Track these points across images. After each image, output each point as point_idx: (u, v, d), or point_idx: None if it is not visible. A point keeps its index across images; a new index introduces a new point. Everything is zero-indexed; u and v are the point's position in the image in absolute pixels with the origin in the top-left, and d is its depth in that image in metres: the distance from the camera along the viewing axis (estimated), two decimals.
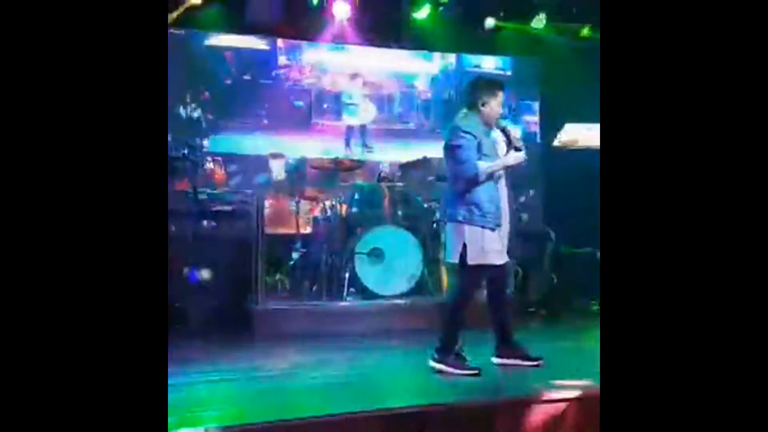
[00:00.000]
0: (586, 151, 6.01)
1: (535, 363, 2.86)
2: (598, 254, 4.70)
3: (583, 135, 4.81)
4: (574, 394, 2.38)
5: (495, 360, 2.92)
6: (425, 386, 2.71)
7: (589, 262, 4.75)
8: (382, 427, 2.17)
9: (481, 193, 2.78)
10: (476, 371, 2.74)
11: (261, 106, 5.64)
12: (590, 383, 2.49)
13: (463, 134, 2.80)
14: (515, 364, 2.88)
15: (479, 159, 2.77)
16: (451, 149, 2.84)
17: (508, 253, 2.94)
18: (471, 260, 2.78)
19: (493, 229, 2.79)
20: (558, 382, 2.59)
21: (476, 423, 2.26)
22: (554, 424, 2.30)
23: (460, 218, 2.81)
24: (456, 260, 2.82)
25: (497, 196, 2.84)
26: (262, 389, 2.70)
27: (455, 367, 2.77)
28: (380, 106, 5.96)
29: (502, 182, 2.90)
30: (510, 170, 2.94)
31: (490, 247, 2.79)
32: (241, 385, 2.81)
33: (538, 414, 2.31)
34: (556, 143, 4.82)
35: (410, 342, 3.75)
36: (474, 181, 2.78)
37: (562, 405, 2.34)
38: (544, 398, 2.37)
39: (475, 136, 2.79)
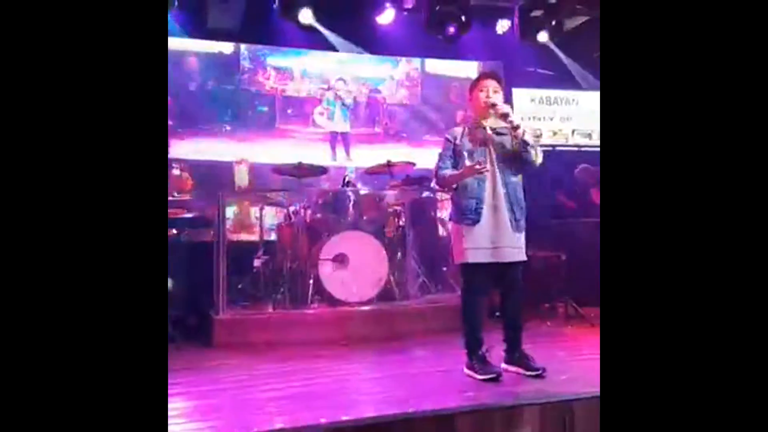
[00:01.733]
0: (548, 154, 6.10)
1: (535, 373, 2.70)
2: (563, 257, 4.74)
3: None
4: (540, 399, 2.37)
5: (503, 365, 2.80)
6: (392, 394, 2.67)
7: (555, 265, 4.78)
8: None
9: (462, 188, 2.75)
10: (494, 375, 2.64)
11: (224, 111, 5.53)
12: (562, 387, 2.49)
13: (445, 139, 2.86)
14: (517, 372, 2.76)
15: (455, 161, 2.78)
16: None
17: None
18: (455, 259, 2.81)
19: (472, 225, 2.69)
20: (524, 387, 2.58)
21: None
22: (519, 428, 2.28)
23: (448, 217, 2.90)
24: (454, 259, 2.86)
25: (477, 190, 2.71)
26: (223, 400, 2.62)
27: (474, 371, 2.71)
28: (345, 111, 5.91)
29: (489, 173, 2.72)
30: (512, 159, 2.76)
31: (471, 244, 2.70)
32: (202, 397, 2.72)
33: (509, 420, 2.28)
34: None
35: (376, 349, 3.71)
36: (441, 185, 2.91)
37: (529, 410, 2.32)
38: (508, 404, 2.35)
39: (450, 140, 2.81)
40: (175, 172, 5.27)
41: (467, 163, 2.72)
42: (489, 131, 2.81)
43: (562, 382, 2.63)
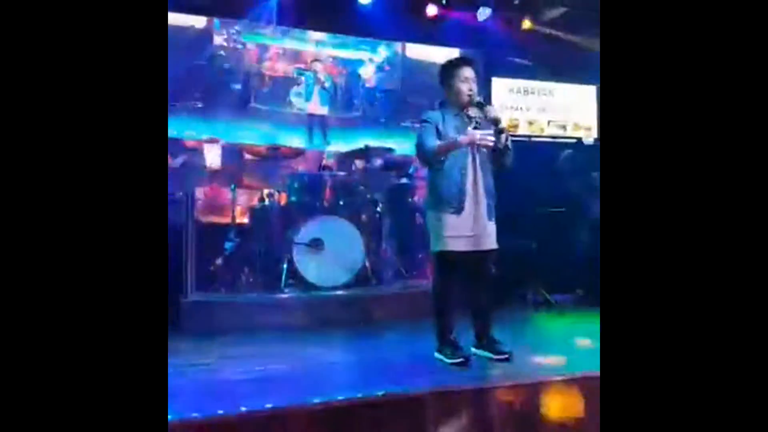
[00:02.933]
0: (522, 144, 6.12)
1: (503, 357, 2.76)
2: (534, 245, 4.77)
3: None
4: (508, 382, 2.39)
5: (472, 350, 2.86)
6: (363, 377, 2.66)
7: (526, 254, 4.81)
8: (311, 420, 2.09)
9: (442, 177, 2.75)
10: (463, 359, 2.69)
11: (195, 88, 5.36)
12: (529, 371, 2.52)
13: (421, 123, 2.81)
14: (485, 356, 2.81)
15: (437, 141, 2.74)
16: (416, 140, 2.83)
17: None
18: (432, 247, 2.81)
19: (454, 214, 2.71)
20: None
21: (409, 413, 2.22)
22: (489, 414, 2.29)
23: (424, 205, 2.86)
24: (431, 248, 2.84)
25: (460, 180, 2.73)
26: (191, 384, 2.57)
27: (444, 355, 2.75)
28: (324, 93, 5.81)
29: (470, 164, 2.76)
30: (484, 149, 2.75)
31: (451, 232, 2.72)
32: (169, 379, 2.66)
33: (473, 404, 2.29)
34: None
35: (349, 334, 3.69)
36: (426, 160, 2.78)
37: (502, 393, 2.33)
38: (477, 387, 2.37)
39: (431, 123, 2.77)
40: None
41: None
42: (470, 121, 2.81)
43: (530, 366, 2.66)
